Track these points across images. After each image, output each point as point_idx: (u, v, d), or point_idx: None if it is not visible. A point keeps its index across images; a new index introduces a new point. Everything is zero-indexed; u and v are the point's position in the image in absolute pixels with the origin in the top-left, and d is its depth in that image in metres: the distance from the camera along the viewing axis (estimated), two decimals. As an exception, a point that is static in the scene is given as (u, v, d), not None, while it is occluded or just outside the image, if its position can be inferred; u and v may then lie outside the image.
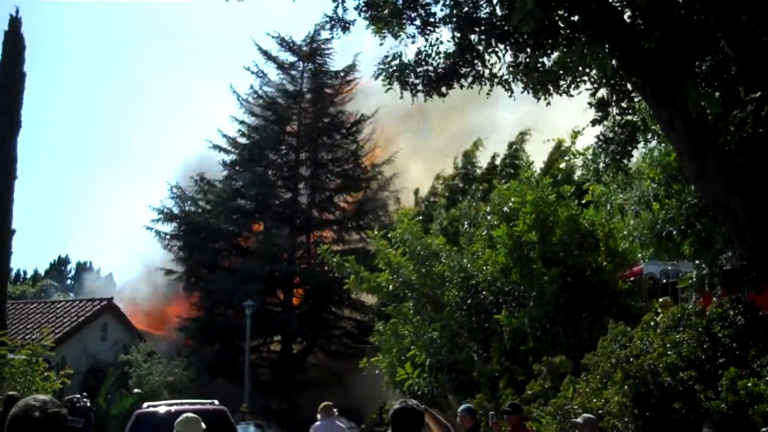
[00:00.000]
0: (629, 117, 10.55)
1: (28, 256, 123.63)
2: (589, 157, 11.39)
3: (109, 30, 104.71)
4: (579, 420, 9.31)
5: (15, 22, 28.14)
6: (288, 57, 42.12)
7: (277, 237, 40.92)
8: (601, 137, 10.77)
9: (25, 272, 72.12)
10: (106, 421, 28.20)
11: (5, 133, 26.89)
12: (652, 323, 11.88)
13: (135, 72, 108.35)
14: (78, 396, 20.68)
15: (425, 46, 10.42)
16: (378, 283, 19.23)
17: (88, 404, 20.88)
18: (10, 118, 27.22)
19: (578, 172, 18.53)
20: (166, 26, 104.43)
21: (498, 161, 34.10)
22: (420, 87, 10.53)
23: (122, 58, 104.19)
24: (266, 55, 41.55)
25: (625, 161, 10.84)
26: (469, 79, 10.43)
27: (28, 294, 53.07)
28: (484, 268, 17.12)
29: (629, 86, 10.09)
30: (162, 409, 14.60)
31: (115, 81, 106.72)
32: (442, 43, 10.41)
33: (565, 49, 9.33)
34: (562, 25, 9.57)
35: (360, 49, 40.80)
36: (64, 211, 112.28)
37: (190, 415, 6.76)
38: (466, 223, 20.26)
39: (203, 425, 6.85)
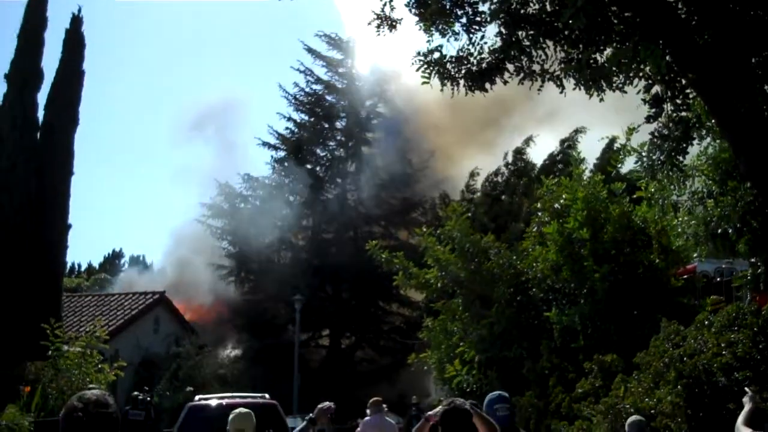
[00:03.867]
0: (684, 113, 10.40)
1: (83, 250, 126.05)
2: (644, 154, 11.24)
3: (165, 29, 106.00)
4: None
5: (76, 21, 28.70)
6: (335, 55, 42.38)
7: (325, 232, 41.18)
8: (656, 134, 10.63)
9: (80, 265, 73.35)
10: (160, 414, 28.62)
11: (63, 130, 27.49)
12: (706, 322, 11.69)
13: (188, 69, 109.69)
14: (139, 393, 21.20)
15: (468, 44, 10.41)
16: (426, 279, 19.20)
17: (148, 399, 21.36)
18: (69, 114, 27.80)
19: (628, 169, 18.27)
20: (220, 26, 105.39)
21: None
22: (462, 81, 10.50)
23: (176, 56, 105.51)
24: (313, 53, 41.84)
25: (680, 158, 10.68)
26: (521, 75, 10.38)
27: (82, 287, 53.96)
28: (534, 265, 17.02)
29: (684, 82, 9.94)
30: (213, 402, 14.73)
31: (168, 78, 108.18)
32: (485, 42, 10.39)
33: (618, 46, 9.23)
34: (614, 21, 9.47)
35: (408, 43, 40.78)
36: (118, 206, 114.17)
37: (243, 410, 6.87)
38: None
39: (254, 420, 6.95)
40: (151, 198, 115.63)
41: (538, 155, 35.52)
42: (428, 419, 6.38)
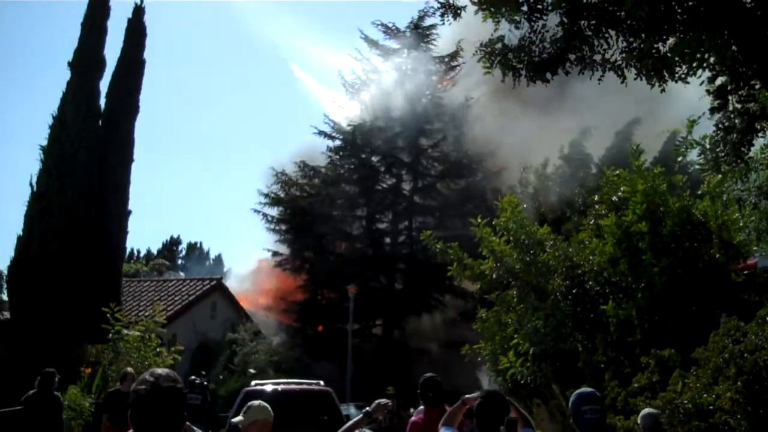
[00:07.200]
0: (749, 105, 10.15)
1: (142, 236, 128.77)
2: (707, 147, 11.00)
3: (221, 19, 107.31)
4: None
5: (138, 11, 29.24)
6: (392, 44, 42.41)
7: (379, 222, 41.30)
8: (720, 126, 10.39)
9: (139, 251, 75.11)
10: (216, 398, 29.09)
11: (124, 118, 28.03)
12: (767, 318, 11.45)
13: (245, 59, 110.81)
14: (196, 377, 21.62)
15: (530, 33, 10.28)
16: (481, 270, 19.12)
17: (205, 383, 21.77)
18: (129, 102, 28.34)
19: (689, 160, 17.91)
20: (280, 15, 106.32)
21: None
22: (523, 72, 10.40)
23: (233, 45, 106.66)
24: (370, 42, 41.92)
25: (745, 150, 10.43)
26: (580, 66, 10.24)
27: (141, 272, 55.06)
28: (591, 257, 16.83)
29: (749, 73, 9.70)
30: (269, 388, 14.96)
31: (226, 68, 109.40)
32: (547, 31, 10.25)
33: (681, 35, 9.05)
34: (678, 10, 9.29)
35: (462, 33, 40.61)
36: (176, 193, 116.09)
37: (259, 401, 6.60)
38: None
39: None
40: (209, 186, 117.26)
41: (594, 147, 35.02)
42: (465, 402, 6.34)
